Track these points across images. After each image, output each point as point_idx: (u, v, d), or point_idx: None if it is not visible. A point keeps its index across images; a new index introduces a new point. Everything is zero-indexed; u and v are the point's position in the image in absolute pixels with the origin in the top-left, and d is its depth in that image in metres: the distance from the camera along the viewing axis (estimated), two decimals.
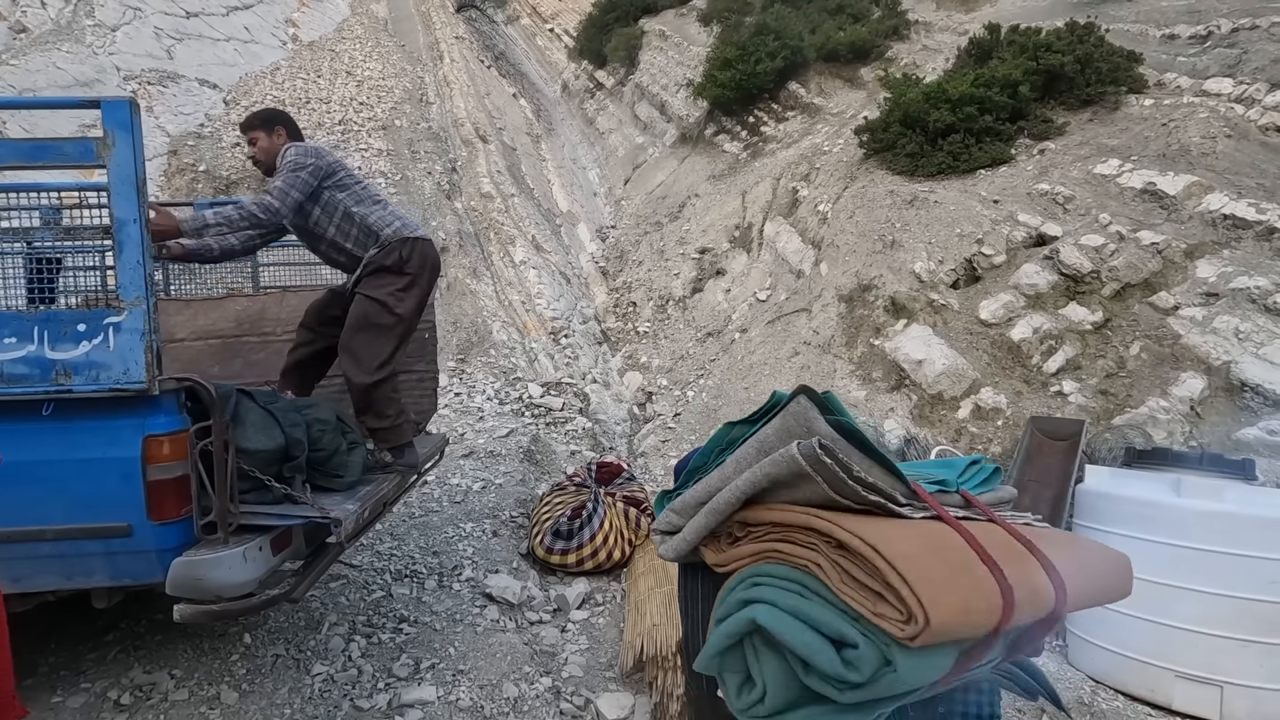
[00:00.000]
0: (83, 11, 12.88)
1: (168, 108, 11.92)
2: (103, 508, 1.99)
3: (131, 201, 1.91)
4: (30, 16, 12.14)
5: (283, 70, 15.53)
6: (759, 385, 7.17)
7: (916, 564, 1.10)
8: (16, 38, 11.42)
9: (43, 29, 11.87)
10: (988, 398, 5.50)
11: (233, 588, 2.08)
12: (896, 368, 6.13)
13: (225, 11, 17.42)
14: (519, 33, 30.23)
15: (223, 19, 16.96)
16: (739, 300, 9.26)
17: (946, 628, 1.07)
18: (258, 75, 14.77)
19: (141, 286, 1.93)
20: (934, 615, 1.05)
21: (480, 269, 11.48)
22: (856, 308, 7.00)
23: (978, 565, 1.20)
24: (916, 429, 5.62)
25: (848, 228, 7.88)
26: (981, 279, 6.44)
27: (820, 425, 1.29)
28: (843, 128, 10.40)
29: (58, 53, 11.14)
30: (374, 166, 12.28)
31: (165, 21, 14.65)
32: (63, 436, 1.97)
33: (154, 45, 13.67)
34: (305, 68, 16.14)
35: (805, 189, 9.54)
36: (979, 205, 7.00)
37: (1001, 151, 7.76)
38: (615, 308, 10.86)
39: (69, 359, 1.93)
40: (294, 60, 16.55)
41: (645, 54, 19.09)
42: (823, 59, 12.66)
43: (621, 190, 15.49)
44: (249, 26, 17.64)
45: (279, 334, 3.64)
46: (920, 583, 1.07)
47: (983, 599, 1.14)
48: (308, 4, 21.18)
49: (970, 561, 1.21)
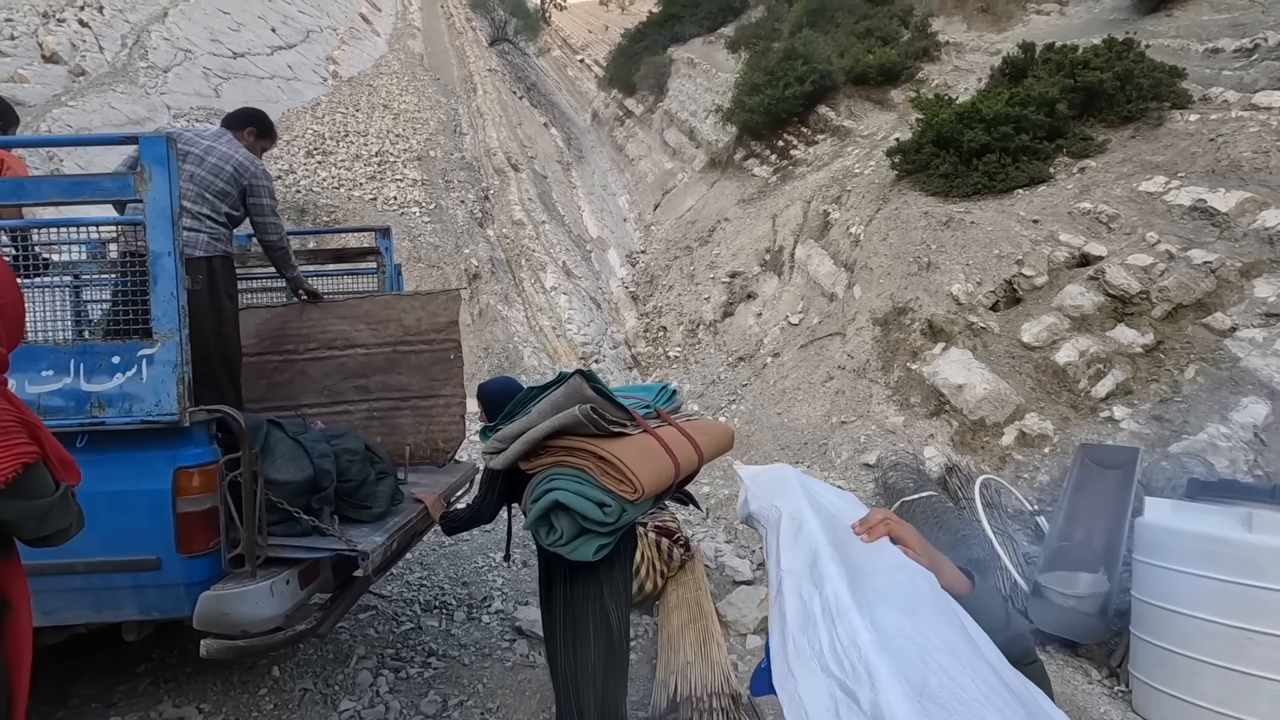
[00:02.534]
0: (137, 55, 13.51)
1: None
2: (132, 540, 1.98)
3: (167, 235, 1.92)
4: (89, 60, 12.77)
5: (323, 105, 16.04)
6: (793, 410, 7.03)
7: (635, 461, 2.06)
8: (75, 80, 12.00)
9: (99, 71, 12.47)
10: (1033, 424, 5.30)
11: (259, 622, 2.05)
12: (935, 392, 5.96)
13: (270, 51, 18.13)
14: (550, 64, 30.89)
15: (267, 58, 17.64)
16: (770, 324, 9.15)
17: (650, 489, 2.08)
18: (299, 110, 15.26)
19: (175, 318, 1.94)
20: (645, 485, 2.03)
21: (511, 295, 11.59)
22: (892, 331, 6.85)
23: (663, 454, 2.23)
24: (958, 456, 5.43)
25: (881, 249, 7.75)
26: (1023, 301, 6.26)
27: (588, 392, 2.12)
28: (874, 150, 10.31)
29: (113, 93, 11.66)
30: (409, 196, 12.54)
31: (213, 62, 15.28)
32: (95, 469, 1.96)
33: (202, 84, 14.24)
34: (344, 102, 16.65)
35: (837, 211, 9.44)
36: (1018, 225, 6.83)
37: (1040, 170, 7.58)
38: (645, 332, 10.83)
39: (104, 391, 1.94)
40: (334, 95, 17.09)
41: (674, 81, 19.31)
42: (852, 82, 12.62)
43: (651, 215, 15.56)
44: (291, 65, 18.31)
45: (301, 351, 3.50)
46: (638, 470, 2.03)
47: (666, 470, 2.21)
48: (347, 42, 21.95)
49: (659, 452, 2.23)
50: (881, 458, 5.63)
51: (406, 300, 3.63)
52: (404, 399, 3.45)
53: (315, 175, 12.21)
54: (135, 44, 13.74)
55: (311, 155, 12.99)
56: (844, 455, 5.97)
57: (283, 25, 19.85)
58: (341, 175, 12.58)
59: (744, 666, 3.50)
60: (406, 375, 3.47)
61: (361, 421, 3.28)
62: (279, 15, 20.16)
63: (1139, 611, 3.33)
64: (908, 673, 0.83)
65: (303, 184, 11.92)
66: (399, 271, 3.88)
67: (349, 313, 3.55)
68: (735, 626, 3.83)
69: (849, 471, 5.75)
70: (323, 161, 12.88)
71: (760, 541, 4.96)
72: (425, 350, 3.50)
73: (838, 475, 5.74)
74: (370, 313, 3.54)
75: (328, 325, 3.50)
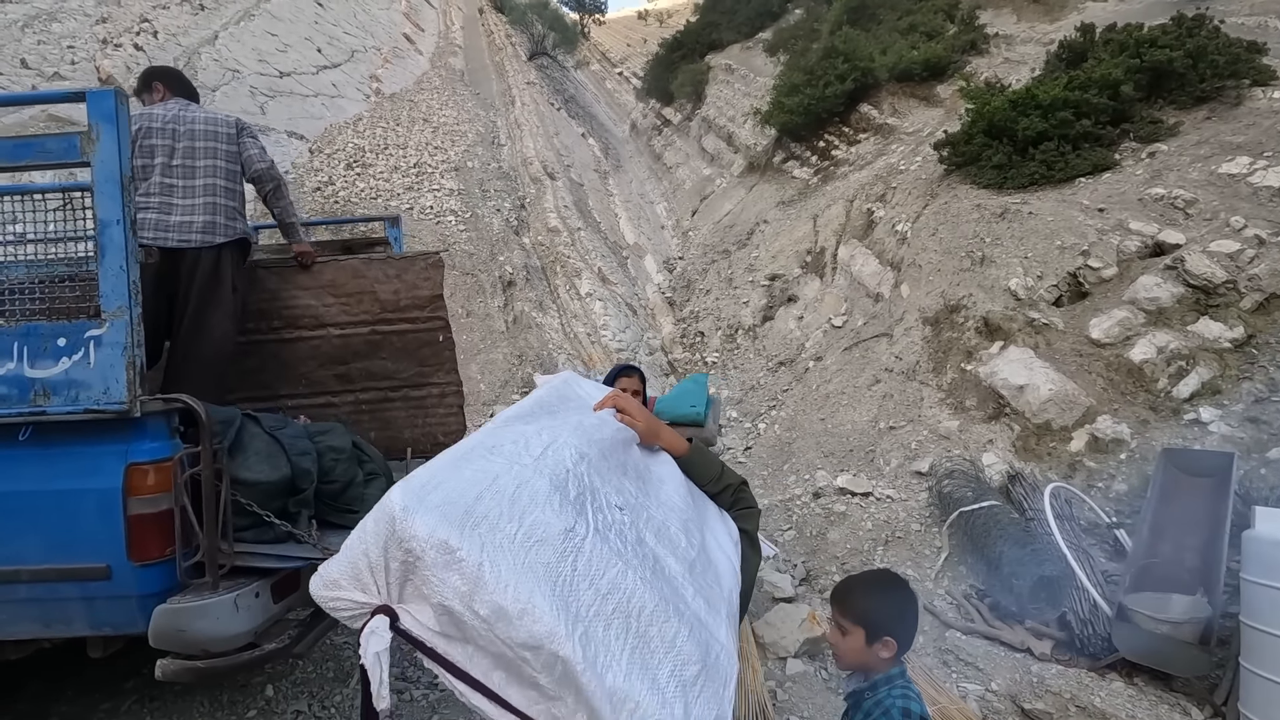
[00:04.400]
0: (188, 75, 13.90)
1: None
2: (80, 546, 1.77)
3: (116, 201, 1.72)
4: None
5: (364, 120, 16.29)
6: (836, 416, 6.61)
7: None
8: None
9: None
10: (1106, 427, 4.79)
11: (222, 640, 1.81)
12: (993, 394, 5.48)
13: (315, 70, 18.56)
14: (589, 77, 31.07)
15: (312, 77, 18.05)
16: (812, 327, 8.73)
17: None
18: (340, 125, 15.52)
19: (125, 295, 1.73)
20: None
21: (546, 302, 11.42)
22: (944, 330, 6.39)
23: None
24: (1021, 463, 4.95)
25: (930, 246, 7.29)
26: (1089, 295, 5.74)
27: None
28: (919, 146, 9.83)
29: None
30: (445, 205, 12.54)
31: (260, 81, 15.67)
32: (40, 465, 1.77)
33: (249, 102, 14.59)
34: (385, 117, 16.89)
35: (881, 209, 9.00)
36: (1081, 215, 6.31)
37: (1103, 157, 7.03)
38: (682, 338, 10.52)
39: (48, 377, 1.74)
40: (375, 111, 17.36)
41: (711, 88, 19.08)
42: (895, 79, 12.15)
43: (689, 222, 15.29)
44: (336, 83, 18.71)
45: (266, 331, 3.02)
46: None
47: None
48: (390, 61, 22.39)
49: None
50: (935, 465, 5.18)
51: (378, 267, 3.14)
52: (393, 389, 3.09)
53: (354, 187, 12.32)
54: (186, 65, 14.17)
55: (351, 168, 13.15)
56: (893, 462, 5.54)
57: (328, 46, 20.34)
58: (379, 186, 12.68)
59: (782, 695, 3.14)
60: (392, 361, 3.09)
61: (349, 415, 2.97)
62: (325, 37, 20.67)
63: (1250, 640, 2.85)
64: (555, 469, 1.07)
65: (341, 195, 12.03)
66: None
67: (311, 282, 3.07)
68: (773, 649, 3.47)
69: (899, 480, 5.32)
70: (361, 174, 13.02)
71: (802, 555, 4.56)
72: (409, 331, 3.11)
73: (886, 484, 5.31)
74: (337, 282, 3.08)
75: (289, 298, 3.03)
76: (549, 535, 0.96)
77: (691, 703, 0.94)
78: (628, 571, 1.00)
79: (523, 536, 0.94)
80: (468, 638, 0.89)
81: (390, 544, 0.90)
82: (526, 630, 0.85)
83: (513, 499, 0.99)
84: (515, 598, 0.86)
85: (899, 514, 4.93)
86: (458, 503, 0.94)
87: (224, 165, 2.82)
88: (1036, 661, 3.49)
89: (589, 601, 0.93)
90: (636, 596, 0.98)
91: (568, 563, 0.95)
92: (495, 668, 0.89)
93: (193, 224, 2.70)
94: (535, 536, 0.95)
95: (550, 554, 0.94)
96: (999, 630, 3.73)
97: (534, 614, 0.86)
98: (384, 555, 0.90)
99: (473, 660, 0.89)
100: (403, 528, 0.89)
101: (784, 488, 5.95)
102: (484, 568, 0.87)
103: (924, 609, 4.03)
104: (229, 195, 2.84)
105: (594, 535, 1.02)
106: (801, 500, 5.51)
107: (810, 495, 5.49)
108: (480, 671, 0.89)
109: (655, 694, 0.91)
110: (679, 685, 0.94)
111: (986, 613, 3.90)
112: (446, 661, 0.89)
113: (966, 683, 3.39)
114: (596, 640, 0.90)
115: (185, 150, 2.74)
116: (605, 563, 0.99)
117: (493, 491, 0.98)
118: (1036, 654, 3.53)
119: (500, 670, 0.89)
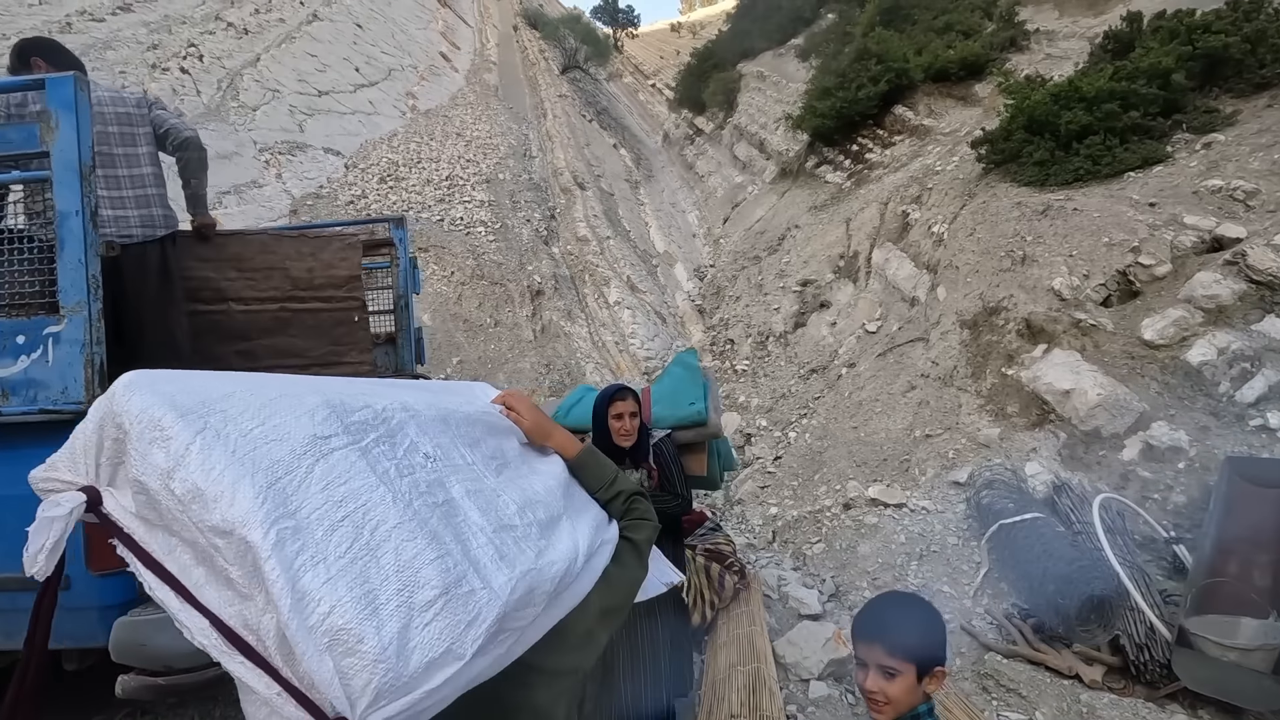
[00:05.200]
0: (229, 95, 14.36)
1: (294, 173, 12.88)
2: None
3: (75, 191, 1.65)
4: (187, 104, 13.66)
5: (399, 136, 16.57)
6: (870, 424, 6.34)
7: None
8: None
9: (195, 112, 13.29)
10: (1161, 434, 4.44)
11: (184, 656, 1.70)
12: (1037, 400, 5.16)
13: (353, 89, 19.01)
14: (621, 89, 31.24)
15: (350, 95, 18.49)
16: (845, 333, 8.46)
17: None
18: (376, 141, 15.81)
19: (83, 289, 1.65)
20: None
21: (575, 311, 11.36)
22: (983, 333, 6.07)
23: None
24: (1068, 473, 4.63)
25: (968, 246, 6.98)
26: (1141, 293, 5.38)
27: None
28: (956, 146, 9.50)
29: (204, 130, 12.30)
30: (475, 216, 12.62)
31: (299, 100, 16.10)
32: (0, 468, 1.70)
33: (288, 121, 14.98)
34: (420, 132, 17.16)
35: (917, 211, 8.69)
36: (1130, 210, 5.95)
37: (1154, 149, 6.65)
38: (712, 345, 10.32)
39: (8, 377, 1.66)
40: (410, 127, 17.67)
41: (743, 96, 18.93)
42: (931, 79, 11.82)
43: (720, 229, 15.12)
44: (373, 100, 19.12)
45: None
46: None
47: None
48: (426, 78, 22.84)
49: None
50: (974, 475, 4.89)
51: (290, 244, 3.00)
52: (302, 367, 2.90)
53: (386, 199, 12.49)
54: (229, 86, 14.64)
55: (384, 181, 13.35)
56: (929, 472, 5.25)
57: (366, 65, 20.83)
58: (411, 199, 12.83)
59: None
60: (302, 339, 2.91)
61: None
62: (363, 56, 21.18)
63: None
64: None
65: (373, 208, 12.20)
66: (414, 264, 3.56)
67: (213, 254, 2.91)
68: (795, 670, 3.25)
69: (935, 490, 5.03)
70: (394, 187, 13.20)
71: (831, 570, 4.32)
72: (323, 309, 2.97)
73: (922, 495, 5.03)
74: (242, 256, 2.93)
75: (189, 269, 2.83)
76: (291, 436, 0.93)
77: (414, 625, 0.85)
78: (380, 488, 0.96)
79: (258, 433, 0.90)
80: (166, 524, 0.84)
81: (106, 421, 0.87)
82: (220, 514, 0.80)
83: (267, 404, 0.95)
84: (217, 480, 0.81)
85: (934, 526, 4.66)
86: (195, 394, 0.90)
87: (146, 150, 2.64)
88: (1086, 689, 3.19)
89: (315, 504, 0.88)
90: (378, 511, 0.93)
91: (303, 464, 0.90)
92: (197, 564, 0.83)
93: (128, 218, 2.54)
94: (273, 436, 0.91)
95: (283, 452, 0.90)
96: (1044, 654, 3.44)
97: (232, 498, 0.81)
98: (99, 434, 0.87)
99: (174, 553, 0.84)
100: (120, 403, 0.86)
101: (814, 499, 5.71)
102: (191, 449, 0.83)
103: (961, 629, 3.76)
104: (157, 182, 2.68)
105: (352, 450, 0.98)
106: (831, 512, 5.27)
107: (840, 506, 5.24)
108: (178, 567, 0.83)
109: (364, 604, 0.82)
110: (402, 604, 0.86)
111: (1030, 634, 3.61)
112: (142, 551, 0.84)
113: (1008, 711, 3.12)
114: (306, 538, 0.83)
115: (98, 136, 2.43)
116: (352, 474, 0.94)
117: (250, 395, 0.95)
118: (1086, 681, 3.24)
119: (202, 567, 0.83)
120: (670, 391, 2.54)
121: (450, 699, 0.89)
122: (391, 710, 0.79)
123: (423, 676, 0.83)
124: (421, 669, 0.83)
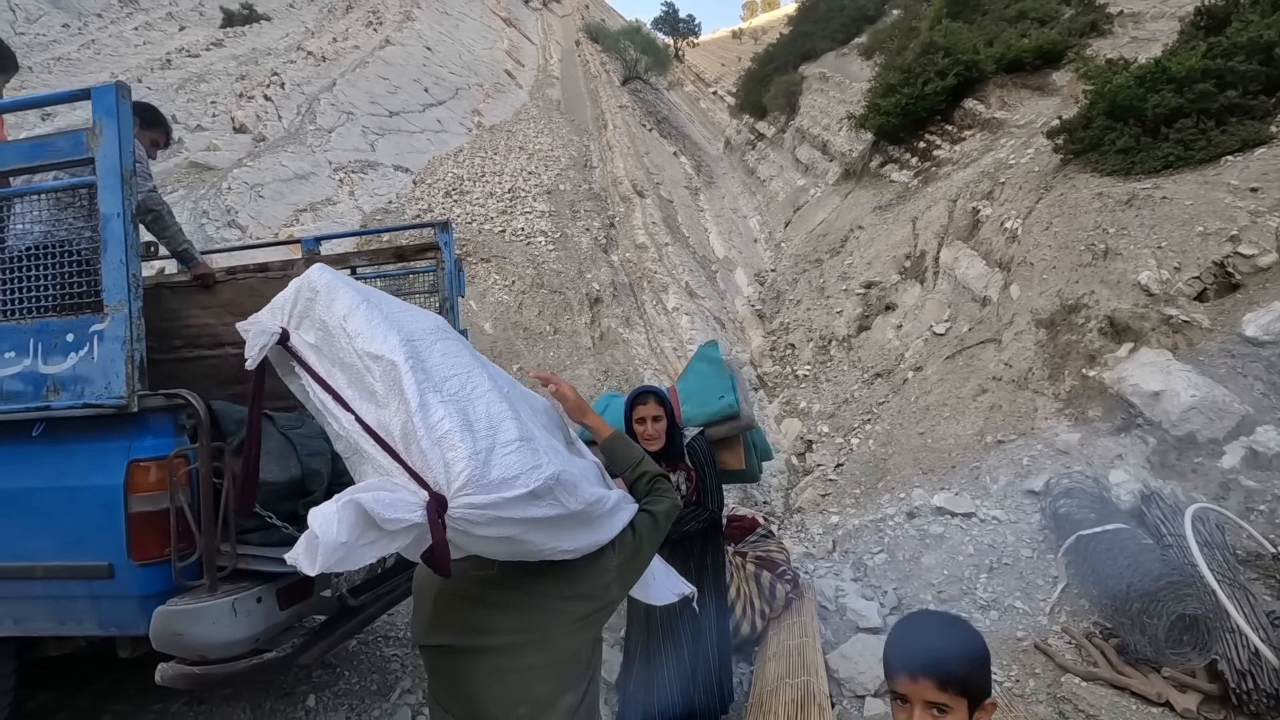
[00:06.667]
0: (308, 119, 15.15)
1: (366, 190, 13.45)
2: (85, 543, 1.76)
3: (117, 195, 1.72)
4: (269, 128, 14.51)
5: (464, 151, 17.08)
6: (937, 429, 6.03)
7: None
8: (257, 145, 13.61)
9: (276, 136, 14.08)
10: (1268, 439, 4.02)
11: (218, 646, 1.74)
12: (1122, 403, 4.78)
13: (422, 109, 19.76)
14: (682, 98, 31.28)
15: (419, 114, 19.21)
16: (912, 336, 8.11)
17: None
18: (442, 157, 16.35)
19: (124, 289, 1.72)
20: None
21: (633, 318, 11.36)
22: (1060, 333, 5.69)
23: None
24: (1158, 481, 4.25)
25: (1044, 241, 6.58)
26: (1242, 286, 4.92)
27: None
28: (1031, 138, 9.00)
29: (284, 153, 13.05)
30: (536, 226, 12.83)
31: (371, 121, 16.83)
32: (52, 461, 1.78)
33: (360, 141, 15.68)
34: (484, 147, 17.65)
35: (988, 207, 8.27)
36: (1228, 196, 5.46)
37: (1256, 131, 6.09)
38: (772, 351, 10.10)
39: (58, 373, 1.75)
40: (475, 142, 18.19)
41: (805, 98, 18.62)
42: (1003, 70, 11.27)
43: (782, 233, 14.86)
44: (440, 119, 19.81)
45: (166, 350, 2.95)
46: None
47: None
48: (491, 95, 23.51)
49: None
50: (1051, 483, 4.55)
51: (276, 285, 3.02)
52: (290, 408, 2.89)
53: (450, 212, 12.86)
54: (306, 111, 15.45)
55: (449, 195, 13.75)
56: (1001, 480, 4.93)
57: (435, 85, 21.62)
58: (474, 211, 13.17)
59: None
60: None
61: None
62: (432, 77, 21.99)
63: None
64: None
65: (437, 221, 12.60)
66: (459, 268, 3.59)
67: (210, 301, 3.03)
68: (849, 686, 3.08)
69: (1007, 499, 4.72)
70: (459, 200, 13.58)
71: (893, 581, 4.10)
72: None
73: (993, 504, 4.73)
74: (235, 300, 3.01)
75: (189, 317, 2.99)
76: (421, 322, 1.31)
77: (497, 451, 1.13)
78: (478, 369, 1.28)
79: (401, 314, 1.29)
80: (332, 354, 1.20)
81: (302, 285, 1.27)
82: (376, 345, 1.17)
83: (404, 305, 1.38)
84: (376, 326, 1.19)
85: (1006, 537, 4.36)
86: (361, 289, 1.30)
87: None
88: (1178, 719, 2.89)
89: (436, 361, 1.22)
90: (476, 379, 1.25)
91: (429, 338, 1.26)
92: (349, 385, 1.18)
93: None
94: (410, 318, 1.30)
95: (416, 327, 1.27)
96: (1129, 678, 3.15)
97: (384, 337, 1.18)
98: (295, 294, 1.27)
99: (333, 376, 1.19)
100: (315, 275, 1.29)
101: (876, 507, 5.45)
102: (360, 306, 1.22)
103: (1035, 647, 3.49)
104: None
105: (459, 344, 1.35)
106: (894, 520, 5.02)
107: (904, 515, 4.98)
108: (338, 384, 1.18)
109: (465, 426, 1.13)
110: (490, 436, 1.15)
111: (1113, 656, 3.31)
112: (314, 373, 1.20)
113: None
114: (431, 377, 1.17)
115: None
116: (460, 355, 1.29)
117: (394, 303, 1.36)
118: (1179, 709, 2.93)
119: (352, 388, 1.17)
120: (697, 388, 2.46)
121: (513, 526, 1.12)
122: (475, 500, 1.06)
123: (500, 486, 1.09)
124: (499, 481, 1.10)
